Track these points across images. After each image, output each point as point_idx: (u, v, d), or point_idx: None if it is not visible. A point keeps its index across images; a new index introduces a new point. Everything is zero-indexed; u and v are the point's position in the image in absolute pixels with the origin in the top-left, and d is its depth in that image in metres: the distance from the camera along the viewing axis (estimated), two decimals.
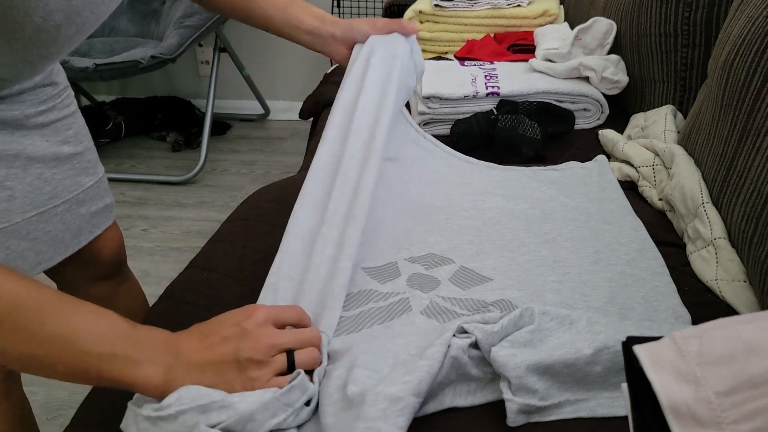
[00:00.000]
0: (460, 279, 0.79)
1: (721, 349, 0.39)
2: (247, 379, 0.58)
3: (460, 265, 0.81)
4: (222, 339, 0.59)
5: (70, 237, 0.93)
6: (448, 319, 0.71)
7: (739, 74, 0.85)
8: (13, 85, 0.82)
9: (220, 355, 0.58)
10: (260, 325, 0.60)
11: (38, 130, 0.86)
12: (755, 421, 0.37)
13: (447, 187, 1.00)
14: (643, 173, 1.05)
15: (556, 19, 1.67)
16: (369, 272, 0.80)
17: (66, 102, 0.92)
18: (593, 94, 1.28)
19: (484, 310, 0.72)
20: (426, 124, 1.30)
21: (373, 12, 2.73)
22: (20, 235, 0.85)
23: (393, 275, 0.79)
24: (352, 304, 0.74)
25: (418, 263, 0.82)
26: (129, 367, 0.55)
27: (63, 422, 1.44)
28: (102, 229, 1.00)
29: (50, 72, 0.89)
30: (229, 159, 2.69)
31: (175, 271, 0.98)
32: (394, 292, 0.76)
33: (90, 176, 0.96)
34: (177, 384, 0.56)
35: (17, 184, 0.83)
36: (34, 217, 0.86)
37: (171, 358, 0.57)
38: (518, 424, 0.59)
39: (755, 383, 0.37)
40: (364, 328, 0.70)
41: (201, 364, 0.58)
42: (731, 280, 0.79)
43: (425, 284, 0.78)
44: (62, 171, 0.90)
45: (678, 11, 1.16)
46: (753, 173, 0.78)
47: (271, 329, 0.61)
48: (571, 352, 0.60)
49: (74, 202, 0.93)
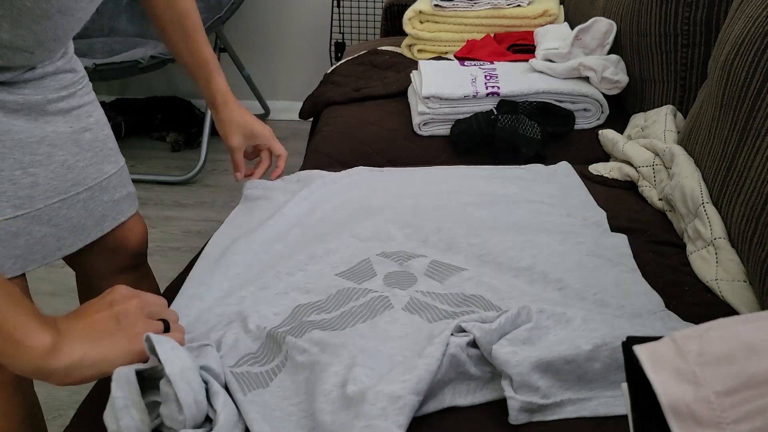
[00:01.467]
0: (435, 272, 0.80)
1: (721, 349, 0.39)
2: (127, 327, 0.62)
3: (431, 259, 0.82)
4: (94, 310, 0.64)
5: (92, 224, 0.95)
6: (431, 313, 0.72)
7: (739, 74, 0.85)
8: (37, 65, 0.84)
9: (97, 317, 0.63)
10: (127, 296, 0.65)
11: (61, 116, 0.89)
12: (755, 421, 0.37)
13: (412, 191, 1.02)
14: (643, 173, 1.05)
15: (556, 19, 1.67)
16: (344, 275, 0.81)
17: (86, 90, 0.95)
18: (593, 94, 1.28)
19: (464, 304, 0.73)
20: (426, 124, 1.30)
21: (373, 12, 2.74)
22: (41, 221, 0.87)
23: (368, 275, 0.80)
24: (332, 305, 0.75)
25: (391, 258, 0.83)
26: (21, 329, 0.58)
27: (63, 422, 1.44)
28: (126, 216, 1.02)
29: (69, 58, 0.91)
30: (229, 159, 2.67)
31: (175, 272, 0.98)
32: (373, 290, 0.77)
33: (112, 164, 0.98)
34: (65, 348, 0.59)
35: (41, 171, 0.86)
36: (57, 203, 0.88)
37: (54, 331, 0.60)
38: (520, 422, 0.59)
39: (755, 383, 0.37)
40: (348, 327, 0.71)
41: (81, 328, 0.61)
42: (731, 280, 0.79)
43: (402, 281, 0.78)
44: (85, 159, 0.93)
45: (678, 11, 1.16)
46: (753, 173, 0.78)
47: (138, 300, 0.65)
48: (570, 349, 0.60)
49: (97, 190, 0.95)
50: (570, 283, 0.76)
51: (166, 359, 0.56)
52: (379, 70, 1.66)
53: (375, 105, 1.45)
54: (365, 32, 2.75)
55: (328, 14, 2.78)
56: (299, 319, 0.73)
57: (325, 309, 0.74)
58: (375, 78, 1.60)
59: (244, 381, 0.64)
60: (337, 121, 1.41)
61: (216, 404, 0.57)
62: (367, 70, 1.68)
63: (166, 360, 0.56)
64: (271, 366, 0.66)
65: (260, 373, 0.66)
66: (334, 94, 1.54)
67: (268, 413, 0.60)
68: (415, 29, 1.68)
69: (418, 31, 1.67)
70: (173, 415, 0.56)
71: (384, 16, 2.21)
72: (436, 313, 0.72)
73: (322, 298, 0.76)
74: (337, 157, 1.29)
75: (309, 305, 0.75)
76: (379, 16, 2.66)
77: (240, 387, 0.63)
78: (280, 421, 0.60)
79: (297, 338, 0.67)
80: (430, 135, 1.30)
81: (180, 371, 0.56)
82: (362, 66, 1.72)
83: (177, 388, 0.55)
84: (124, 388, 0.57)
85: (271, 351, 0.68)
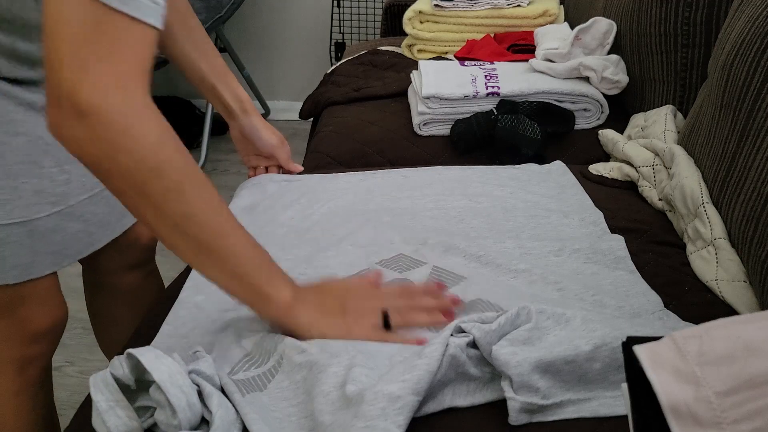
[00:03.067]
0: (436, 281, 0.79)
1: (721, 349, 0.39)
2: (351, 319, 0.68)
3: (432, 266, 0.81)
4: (330, 288, 0.72)
5: (115, 219, 0.97)
6: None
7: (739, 74, 0.84)
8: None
9: (328, 297, 0.70)
10: (366, 292, 0.72)
11: None
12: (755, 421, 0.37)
13: (408, 192, 1.02)
14: (643, 173, 1.05)
15: (556, 19, 1.67)
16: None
17: None
18: (593, 94, 1.28)
19: (464, 313, 0.72)
20: (426, 124, 1.30)
21: (373, 12, 2.73)
22: (74, 217, 0.89)
23: None
24: None
25: (391, 267, 0.82)
26: (268, 281, 0.67)
27: (63, 422, 1.43)
28: None
29: None
30: (229, 159, 2.69)
31: (176, 271, 0.98)
32: None
33: None
34: (298, 311, 0.67)
35: (74, 168, 0.87)
36: (86, 200, 0.91)
37: (293, 292, 0.68)
38: (520, 423, 0.59)
39: (755, 383, 0.37)
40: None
41: (311, 300, 0.69)
42: (731, 280, 0.79)
43: None
44: None
45: (678, 11, 1.16)
46: (753, 173, 0.78)
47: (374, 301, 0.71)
48: (570, 349, 0.60)
49: None
50: (568, 285, 0.76)
51: (152, 367, 0.56)
52: (379, 70, 1.66)
53: (375, 105, 1.45)
54: (365, 32, 2.75)
55: (328, 14, 2.78)
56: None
57: None
58: (375, 78, 1.60)
59: (242, 384, 0.64)
60: (337, 121, 1.41)
61: (210, 406, 0.57)
62: (367, 70, 1.68)
63: (153, 368, 0.56)
64: (267, 367, 0.66)
65: (257, 376, 0.66)
66: (334, 94, 1.54)
67: (267, 414, 0.60)
68: (415, 29, 1.67)
69: (418, 31, 1.67)
70: (168, 420, 0.56)
71: (384, 16, 2.21)
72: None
73: None
74: (337, 157, 1.29)
75: None
76: (379, 16, 2.66)
77: (238, 388, 0.63)
78: (279, 422, 0.60)
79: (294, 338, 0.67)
80: (430, 135, 1.30)
81: (168, 377, 0.56)
82: (362, 66, 1.72)
83: (168, 393, 0.55)
84: (104, 390, 0.57)
85: (266, 351, 0.68)
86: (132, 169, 0.59)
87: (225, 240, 0.65)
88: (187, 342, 0.71)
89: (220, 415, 0.57)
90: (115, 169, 0.59)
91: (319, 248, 0.87)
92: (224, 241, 0.64)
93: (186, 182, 0.62)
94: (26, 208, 0.83)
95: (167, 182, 0.60)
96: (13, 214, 0.82)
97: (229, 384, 0.62)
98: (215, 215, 0.64)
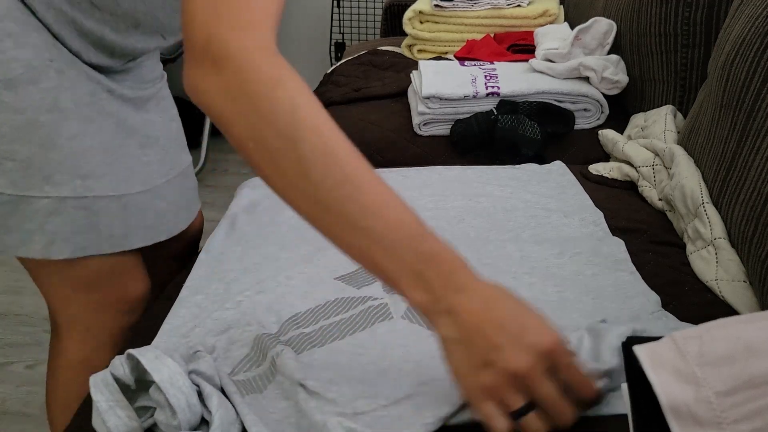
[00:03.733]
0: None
1: (721, 350, 0.39)
2: (494, 374, 0.52)
3: None
4: (496, 327, 0.53)
5: (185, 205, 1.01)
6: None
7: (739, 74, 0.84)
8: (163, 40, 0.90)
9: (474, 330, 0.53)
10: (537, 353, 0.52)
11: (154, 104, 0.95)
12: (755, 421, 0.37)
13: (407, 193, 1.01)
14: (643, 173, 1.05)
15: (556, 19, 1.67)
16: (342, 279, 0.80)
17: (165, 82, 1.01)
18: (593, 94, 1.28)
19: None
20: (426, 124, 1.30)
21: (373, 12, 2.73)
22: (161, 196, 0.93)
23: (368, 279, 0.80)
24: (331, 311, 0.74)
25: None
26: (407, 278, 0.56)
27: None
28: (199, 204, 1.07)
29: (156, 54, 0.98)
30: (229, 159, 2.69)
31: None
32: (372, 296, 0.76)
33: (186, 155, 1.03)
34: (436, 316, 0.54)
35: (151, 152, 0.92)
36: (164, 183, 0.94)
37: (443, 294, 0.55)
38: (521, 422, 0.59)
39: (755, 383, 0.37)
40: (347, 336, 0.70)
41: (461, 325, 0.53)
42: (731, 280, 0.79)
43: None
44: (173, 146, 0.98)
45: (678, 11, 1.16)
46: (753, 173, 0.78)
47: (540, 366, 0.52)
48: None
49: (182, 176, 1.00)
50: (569, 287, 0.76)
51: (153, 368, 0.56)
52: (379, 70, 1.66)
53: (375, 105, 1.45)
54: (365, 32, 2.75)
55: (328, 14, 2.78)
56: (296, 329, 0.72)
57: (322, 316, 0.74)
58: (375, 78, 1.59)
59: (242, 385, 0.64)
60: (337, 121, 1.40)
61: (210, 406, 0.57)
62: (367, 71, 1.68)
63: (153, 369, 0.56)
64: (267, 367, 0.66)
65: (257, 377, 0.65)
66: (334, 94, 1.54)
67: (266, 416, 0.60)
68: (415, 29, 1.67)
69: (418, 31, 1.67)
70: (168, 421, 0.56)
71: (384, 16, 2.21)
72: None
73: (320, 304, 0.76)
74: None
75: (307, 312, 0.74)
76: (379, 16, 2.66)
77: (238, 389, 0.63)
78: (278, 423, 0.60)
79: (294, 352, 0.67)
80: (430, 135, 1.30)
81: (168, 377, 0.56)
82: (362, 66, 1.72)
83: (167, 394, 0.55)
84: (104, 390, 0.57)
85: (263, 352, 0.68)
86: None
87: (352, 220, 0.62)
88: (187, 342, 0.71)
89: (219, 416, 0.57)
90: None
91: (319, 247, 0.87)
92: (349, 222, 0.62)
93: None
94: (120, 183, 0.87)
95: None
96: (109, 188, 0.85)
97: (230, 384, 0.62)
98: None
